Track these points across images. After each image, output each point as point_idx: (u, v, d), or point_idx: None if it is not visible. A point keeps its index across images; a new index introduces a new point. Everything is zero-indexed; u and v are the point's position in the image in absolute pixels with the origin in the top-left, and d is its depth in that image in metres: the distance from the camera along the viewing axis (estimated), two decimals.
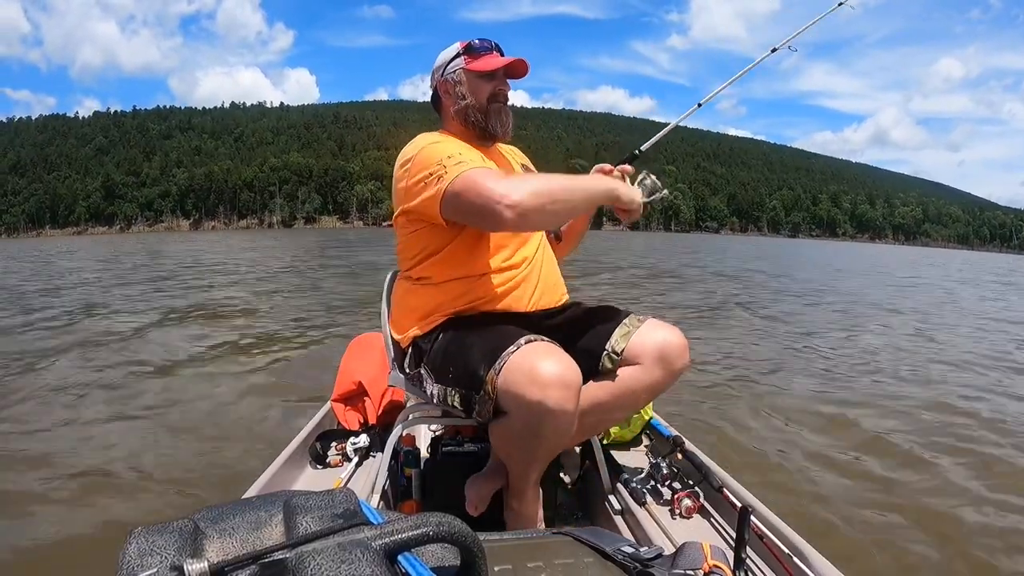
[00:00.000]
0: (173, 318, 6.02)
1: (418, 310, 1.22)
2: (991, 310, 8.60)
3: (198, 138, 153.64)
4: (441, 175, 1.09)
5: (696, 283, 10.78)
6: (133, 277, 11.22)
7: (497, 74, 1.25)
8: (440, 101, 1.31)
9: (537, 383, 0.97)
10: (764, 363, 4.18)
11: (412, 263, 1.24)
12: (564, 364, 1.00)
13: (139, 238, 46.33)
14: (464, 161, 1.10)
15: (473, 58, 1.24)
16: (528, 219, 1.04)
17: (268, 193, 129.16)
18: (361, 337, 2.05)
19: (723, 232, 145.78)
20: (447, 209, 1.10)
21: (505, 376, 1.00)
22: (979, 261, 41.75)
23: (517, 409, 1.00)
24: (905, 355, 4.66)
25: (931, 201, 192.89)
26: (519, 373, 0.99)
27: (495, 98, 1.25)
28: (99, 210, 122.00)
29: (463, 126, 1.27)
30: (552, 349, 1.02)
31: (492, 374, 1.01)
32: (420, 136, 1.24)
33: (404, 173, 1.17)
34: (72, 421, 2.83)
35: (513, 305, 1.20)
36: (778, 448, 2.53)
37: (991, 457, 2.47)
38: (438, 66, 1.28)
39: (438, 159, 1.11)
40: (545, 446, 1.07)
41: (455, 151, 1.13)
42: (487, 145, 1.29)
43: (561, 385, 0.97)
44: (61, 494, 2.05)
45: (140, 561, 0.44)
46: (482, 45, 1.25)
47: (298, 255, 19.02)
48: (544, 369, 0.97)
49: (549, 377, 0.97)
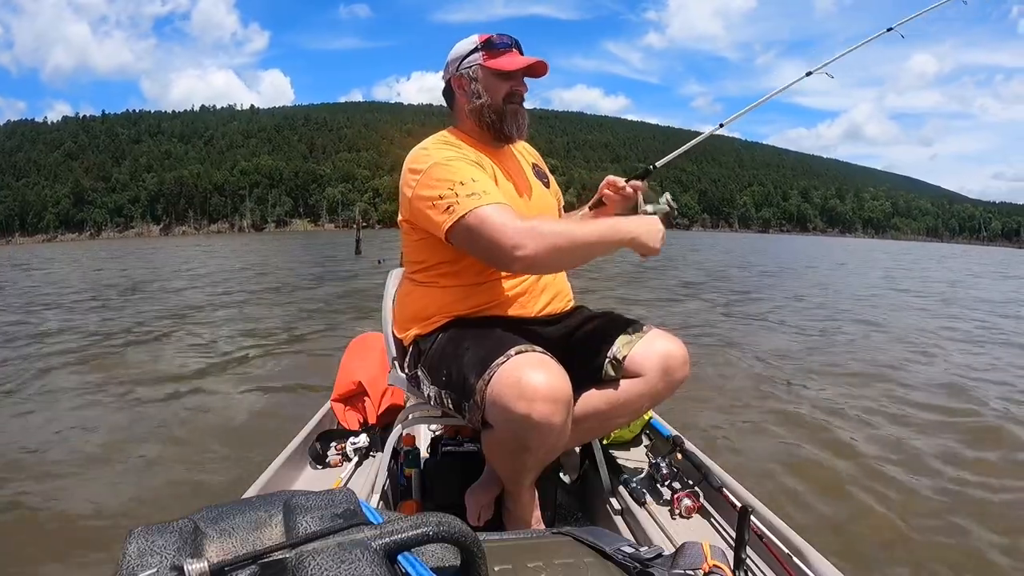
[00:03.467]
0: (174, 318, 6.02)
1: (421, 310, 1.21)
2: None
3: (168, 142, 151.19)
4: (452, 205, 1.04)
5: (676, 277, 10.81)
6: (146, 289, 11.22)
7: (516, 74, 1.20)
8: (453, 96, 1.25)
9: (524, 397, 0.94)
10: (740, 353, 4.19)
11: (417, 267, 1.23)
12: (553, 376, 0.97)
13: (110, 244, 45.91)
14: (477, 193, 1.04)
15: (491, 55, 1.19)
16: (536, 269, 1.03)
17: (239, 197, 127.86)
18: (361, 337, 2.05)
19: (694, 228, 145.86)
20: (455, 239, 1.06)
21: (493, 388, 0.98)
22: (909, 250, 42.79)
23: (504, 423, 0.98)
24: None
25: (900, 195, 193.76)
26: (506, 386, 0.96)
27: (511, 98, 1.20)
28: (69, 217, 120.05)
29: (476, 125, 1.23)
30: (543, 361, 0.99)
31: (482, 384, 0.99)
32: (432, 142, 1.19)
33: (413, 182, 1.12)
34: (72, 421, 2.83)
35: (519, 310, 1.19)
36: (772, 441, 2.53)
37: (995, 459, 2.46)
38: (453, 59, 1.22)
39: (450, 183, 1.06)
40: (534, 458, 1.05)
41: (468, 176, 1.07)
42: (500, 146, 1.26)
43: (549, 399, 0.94)
44: (61, 494, 2.05)
45: (140, 561, 0.44)
46: (501, 41, 1.20)
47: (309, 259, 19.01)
48: (532, 381, 0.95)
49: (537, 390, 0.94)
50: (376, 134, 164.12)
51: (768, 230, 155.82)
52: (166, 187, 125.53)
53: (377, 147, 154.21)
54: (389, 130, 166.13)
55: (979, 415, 3.00)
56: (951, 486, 2.17)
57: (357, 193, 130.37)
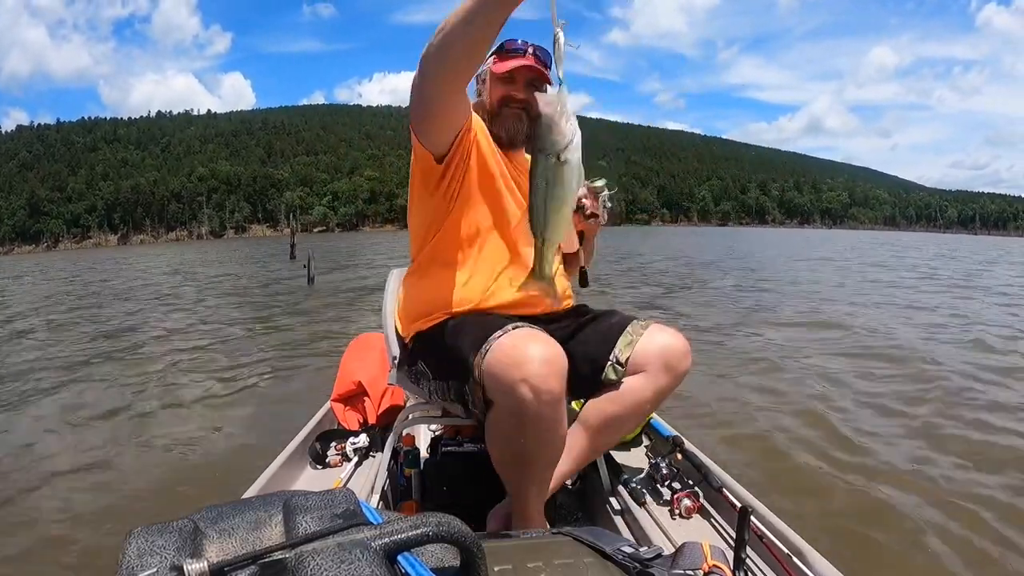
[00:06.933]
0: (172, 322, 6.02)
1: (423, 305, 1.21)
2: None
3: (124, 149, 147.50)
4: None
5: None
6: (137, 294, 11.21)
7: (512, 78, 1.20)
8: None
9: (518, 364, 0.95)
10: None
11: (420, 243, 1.24)
12: (548, 346, 0.98)
13: (67, 256, 46.00)
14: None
15: (500, 58, 1.20)
16: (428, 64, 0.97)
17: (197, 203, 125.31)
18: (361, 337, 2.05)
19: (653, 224, 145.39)
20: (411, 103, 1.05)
21: (488, 360, 0.99)
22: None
23: (501, 395, 0.98)
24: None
25: (858, 185, 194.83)
26: (503, 355, 0.98)
27: (505, 102, 1.21)
28: (25, 228, 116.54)
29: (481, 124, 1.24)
30: (538, 334, 1.01)
31: (479, 358, 1.00)
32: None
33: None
34: (71, 421, 2.83)
35: (522, 309, 1.18)
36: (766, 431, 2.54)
37: (1000, 454, 2.46)
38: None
39: None
40: (532, 441, 1.01)
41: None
42: (504, 149, 1.24)
43: (543, 362, 0.95)
44: (61, 494, 2.05)
45: (140, 561, 0.44)
46: (514, 46, 1.19)
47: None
48: (528, 350, 0.96)
49: (531, 357, 0.96)
50: (335, 137, 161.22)
51: (727, 223, 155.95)
52: (122, 195, 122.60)
53: (336, 150, 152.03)
54: (348, 132, 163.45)
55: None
56: (955, 486, 2.17)
57: (316, 197, 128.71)
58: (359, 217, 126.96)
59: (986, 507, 1.97)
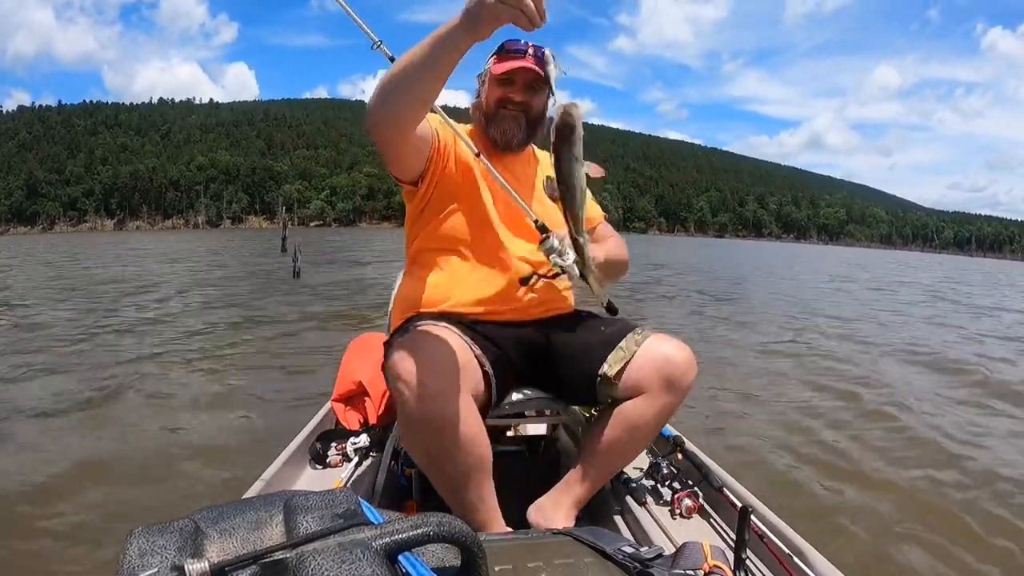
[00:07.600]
0: (176, 322, 6.02)
1: (404, 303, 1.21)
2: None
3: (124, 135, 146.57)
4: None
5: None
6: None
7: (513, 79, 1.17)
8: None
9: (394, 365, 0.94)
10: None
11: (408, 243, 1.27)
12: (438, 346, 0.97)
13: (65, 238, 45.85)
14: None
15: (499, 59, 1.18)
16: (374, 119, 0.98)
17: (195, 192, 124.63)
18: (361, 337, 2.05)
19: (651, 232, 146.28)
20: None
21: (389, 360, 0.99)
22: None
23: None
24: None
25: (855, 202, 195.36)
26: (396, 356, 0.96)
27: (502, 104, 1.19)
28: (21, 209, 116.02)
29: (478, 125, 1.24)
30: (428, 334, 1.00)
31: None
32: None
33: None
34: (71, 421, 2.83)
35: (510, 315, 1.16)
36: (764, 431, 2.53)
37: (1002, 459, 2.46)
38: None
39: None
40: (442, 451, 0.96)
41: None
42: (499, 151, 1.22)
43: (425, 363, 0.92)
44: (61, 495, 2.05)
45: (140, 561, 0.44)
46: (514, 47, 1.17)
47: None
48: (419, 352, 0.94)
49: (415, 357, 0.93)
50: (335, 131, 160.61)
51: (724, 235, 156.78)
52: (121, 181, 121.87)
53: (336, 145, 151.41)
54: (349, 128, 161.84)
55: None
56: (955, 484, 2.17)
57: (314, 191, 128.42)
58: (356, 213, 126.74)
59: (990, 511, 1.97)
